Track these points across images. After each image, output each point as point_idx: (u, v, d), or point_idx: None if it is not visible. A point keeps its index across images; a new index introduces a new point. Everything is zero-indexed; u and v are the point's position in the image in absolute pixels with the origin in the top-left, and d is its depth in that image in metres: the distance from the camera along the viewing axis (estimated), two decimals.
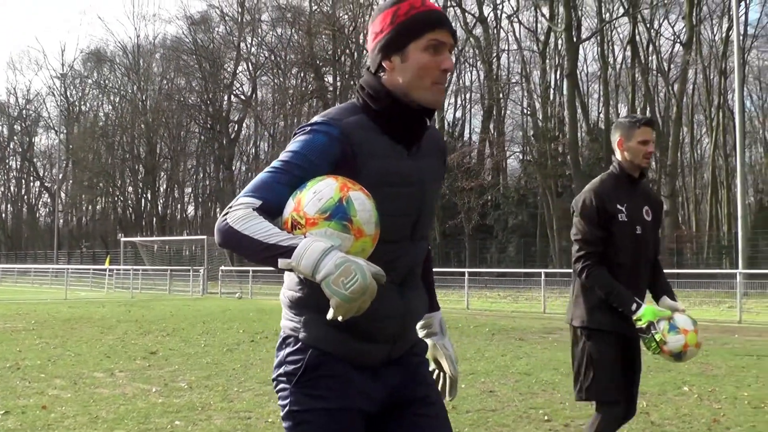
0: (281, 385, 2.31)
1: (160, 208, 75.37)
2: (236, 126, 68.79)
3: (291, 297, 2.33)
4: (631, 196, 4.34)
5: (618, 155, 4.36)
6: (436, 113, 2.38)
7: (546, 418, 6.80)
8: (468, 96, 61.75)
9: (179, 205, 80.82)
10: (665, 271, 4.62)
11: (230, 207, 2.09)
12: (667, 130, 49.82)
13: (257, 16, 63.97)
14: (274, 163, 2.18)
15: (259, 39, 65.08)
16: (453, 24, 2.32)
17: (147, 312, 20.85)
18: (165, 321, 17.66)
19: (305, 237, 1.99)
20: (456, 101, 61.55)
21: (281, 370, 2.31)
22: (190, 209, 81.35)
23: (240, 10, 65.03)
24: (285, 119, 60.71)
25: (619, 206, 4.24)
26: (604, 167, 44.48)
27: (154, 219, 74.59)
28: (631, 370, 4.35)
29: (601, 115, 53.08)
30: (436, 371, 2.68)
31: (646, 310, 3.97)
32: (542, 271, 23.03)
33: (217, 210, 74.87)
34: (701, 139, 61.51)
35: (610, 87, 54.32)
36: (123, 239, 48.68)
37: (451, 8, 52.49)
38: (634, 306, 4.00)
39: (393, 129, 2.28)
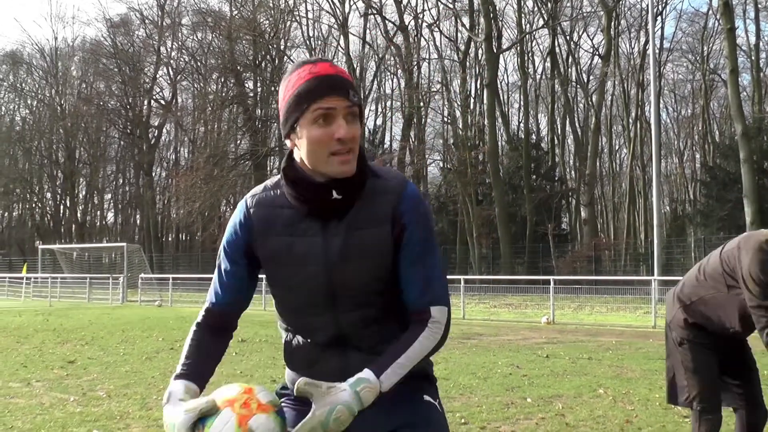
0: None
1: (78, 214, 73.54)
2: (156, 131, 67.80)
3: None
4: None
5: None
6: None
7: (463, 421, 6.94)
8: (389, 104, 62.22)
9: (98, 212, 79.46)
10: (585, 277, 4.50)
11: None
12: (586, 140, 50.86)
13: (177, 19, 63.08)
14: (219, 255, 2.28)
15: (180, 43, 64.28)
16: (348, 84, 2.07)
17: (65, 321, 20.45)
18: (83, 330, 17.35)
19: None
20: (377, 109, 61.95)
21: None
22: (110, 216, 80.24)
23: (160, 13, 64.10)
24: (205, 125, 60.12)
25: None
26: (524, 176, 44.65)
27: (73, 226, 72.73)
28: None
29: (521, 125, 53.81)
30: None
31: None
32: (461, 277, 23.10)
33: (137, 216, 73.96)
34: (620, 149, 62.95)
35: (530, 97, 55.25)
36: (41, 246, 47.36)
37: (372, 16, 52.76)
38: None
39: (298, 202, 2.14)
